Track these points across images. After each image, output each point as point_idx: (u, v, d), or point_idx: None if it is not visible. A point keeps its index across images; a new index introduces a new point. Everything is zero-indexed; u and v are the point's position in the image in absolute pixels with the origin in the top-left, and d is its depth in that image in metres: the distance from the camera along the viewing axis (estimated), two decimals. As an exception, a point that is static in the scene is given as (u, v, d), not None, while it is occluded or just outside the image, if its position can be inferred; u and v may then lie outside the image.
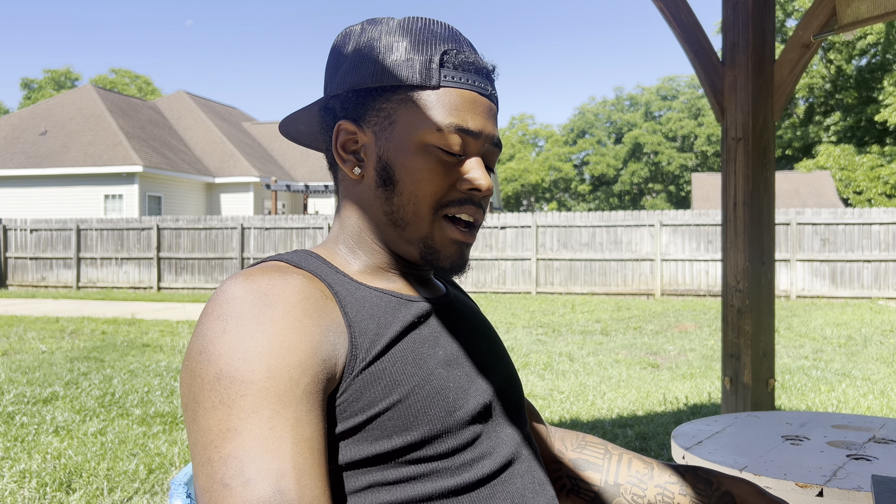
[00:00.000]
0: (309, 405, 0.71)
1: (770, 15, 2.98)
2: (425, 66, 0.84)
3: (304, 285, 0.79)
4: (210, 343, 0.71)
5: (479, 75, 0.87)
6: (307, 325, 0.75)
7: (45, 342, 8.40)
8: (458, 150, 0.85)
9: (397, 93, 0.85)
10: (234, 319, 0.72)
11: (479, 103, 0.87)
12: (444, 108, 0.84)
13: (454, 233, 0.87)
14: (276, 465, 0.66)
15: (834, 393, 5.58)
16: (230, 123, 29.29)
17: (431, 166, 0.85)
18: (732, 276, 3.03)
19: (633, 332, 9.32)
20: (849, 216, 13.38)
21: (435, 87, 0.84)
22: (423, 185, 0.85)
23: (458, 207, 0.87)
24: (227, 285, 0.76)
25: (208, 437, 0.68)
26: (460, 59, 0.86)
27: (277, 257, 0.86)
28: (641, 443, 4.21)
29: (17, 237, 17.27)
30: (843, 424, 1.92)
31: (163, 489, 3.48)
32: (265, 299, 0.75)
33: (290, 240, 15.97)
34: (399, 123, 0.86)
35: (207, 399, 0.69)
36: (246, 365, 0.69)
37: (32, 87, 51.47)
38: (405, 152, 0.85)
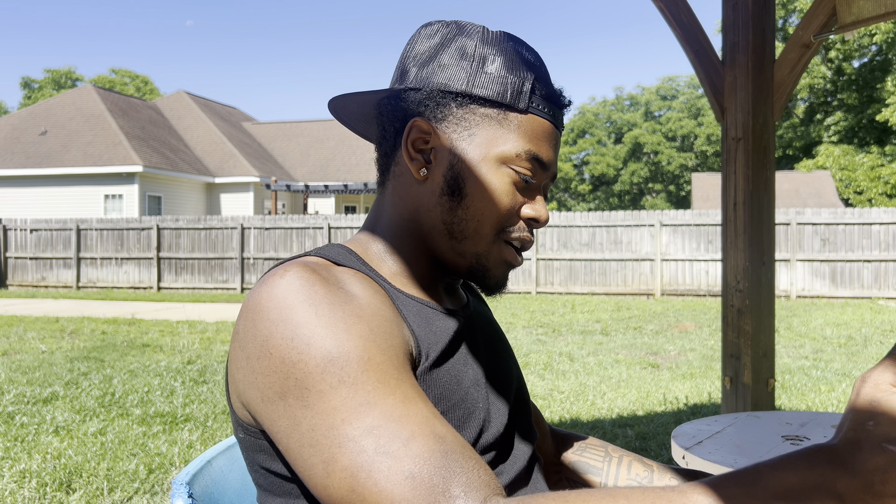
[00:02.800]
0: (408, 367, 0.73)
1: (770, 15, 2.98)
2: (517, 89, 0.84)
3: (360, 276, 0.79)
4: (302, 328, 0.69)
5: (559, 108, 0.88)
6: (386, 310, 0.76)
7: (45, 342, 8.40)
8: (529, 177, 0.85)
9: (484, 106, 0.84)
10: (324, 303, 0.71)
11: (553, 137, 0.87)
12: (526, 135, 0.85)
13: (510, 255, 0.87)
14: (421, 419, 0.66)
15: (834, 393, 5.58)
16: (230, 123, 29.30)
17: (503, 187, 0.84)
18: (732, 276, 3.03)
19: (633, 332, 9.32)
20: (849, 216, 13.37)
21: (522, 111, 0.85)
22: (490, 205, 0.84)
23: (518, 234, 0.87)
24: (288, 275, 0.73)
25: (337, 417, 0.66)
26: (548, 91, 0.87)
27: (316, 253, 0.84)
28: (641, 443, 4.21)
29: (17, 237, 17.27)
30: (843, 424, 1.92)
31: (163, 489, 3.48)
32: (339, 285, 0.74)
33: (290, 240, 15.97)
34: (479, 137, 0.84)
35: (321, 382, 0.67)
36: (356, 343, 0.69)
37: (33, 87, 51.47)
38: (479, 168, 0.84)
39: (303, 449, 0.67)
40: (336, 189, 20.72)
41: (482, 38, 0.86)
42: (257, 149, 28.10)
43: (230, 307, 13.30)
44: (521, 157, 0.84)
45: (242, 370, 0.72)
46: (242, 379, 0.73)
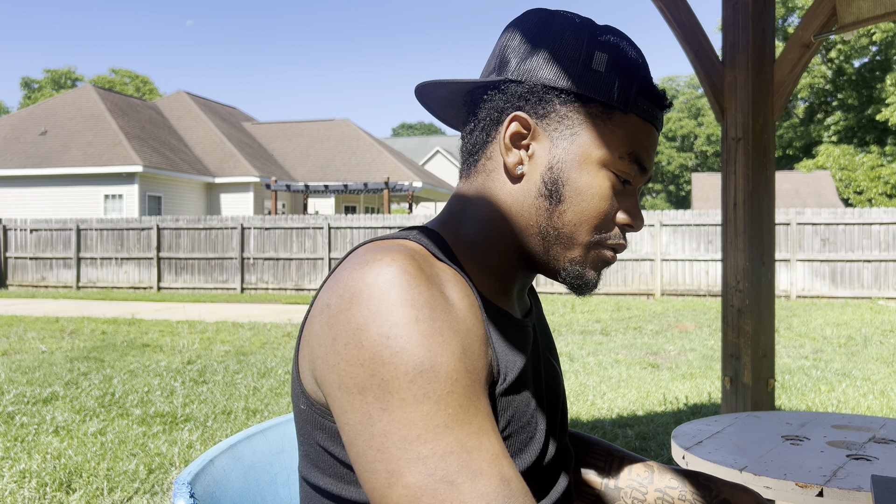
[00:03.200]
0: (486, 393, 0.71)
1: (770, 15, 2.98)
2: (625, 89, 0.81)
3: (459, 279, 0.76)
4: (400, 329, 0.66)
5: (661, 110, 0.85)
6: (478, 327, 0.73)
7: (45, 342, 8.40)
8: (629, 179, 0.82)
9: (589, 105, 0.81)
10: (426, 308, 0.68)
11: (654, 139, 0.84)
12: (629, 136, 0.81)
13: (604, 259, 0.84)
14: (492, 456, 0.65)
15: (834, 393, 5.58)
16: (230, 123, 29.29)
17: (603, 192, 0.81)
18: (732, 276, 3.03)
19: (633, 332, 9.32)
20: (849, 216, 13.38)
21: (626, 111, 0.81)
22: (589, 209, 0.81)
23: (613, 241, 0.83)
24: (390, 262, 0.70)
25: (413, 432, 0.64)
26: (652, 92, 0.83)
27: (415, 238, 0.80)
28: (641, 443, 4.21)
29: (17, 237, 17.27)
30: (843, 424, 1.92)
31: (163, 489, 3.48)
32: (440, 288, 0.72)
33: (290, 240, 15.97)
34: (582, 137, 0.81)
35: (407, 391, 0.65)
36: (448, 361, 0.67)
37: (33, 87, 51.46)
38: (580, 170, 0.80)
39: (369, 451, 0.66)
40: (336, 189, 20.72)
41: (590, 33, 0.82)
42: (257, 149, 28.10)
43: (230, 307, 13.30)
44: (623, 160, 0.81)
45: (325, 348, 0.70)
46: (323, 357, 0.70)
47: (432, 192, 28.47)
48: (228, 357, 7.42)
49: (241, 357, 7.41)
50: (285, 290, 16.00)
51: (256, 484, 1.01)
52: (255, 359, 7.28)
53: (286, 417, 1.12)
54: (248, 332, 9.43)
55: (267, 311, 12.58)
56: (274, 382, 6.08)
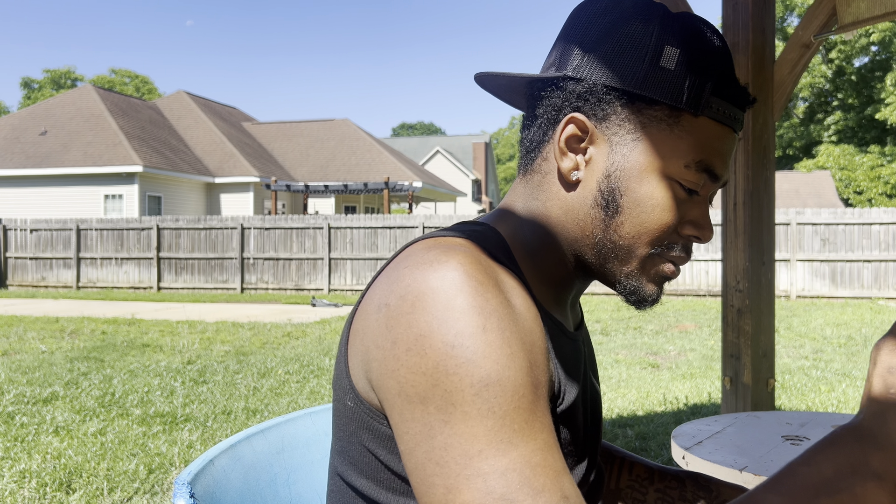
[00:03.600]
0: (548, 406, 0.68)
1: (770, 15, 2.98)
2: (697, 89, 0.73)
3: (521, 287, 0.71)
4: (467, 339, 0.63)
5: (740, 110, 0.76)
6: (542, 340, 0.69)
7: (45, 342, 8.40)
8: (696, 189, 0.75)
9: (653, 107, 0.74)
10: (494, 317, 0.64)
11: (729, 143, 0.76)
12: (698, 143, 0.74)
13: (666, 268, 0.77)
14: (554, 474, 0.62)
15: (834, 393, 5.58)
16: (230, 123, 29.30)
17: (665, 203, 0.74)
18: (732, 276, 3.03)
19: (633, 332, 9.32)
20: (849, 216, 13.38)
21: (697, 114, 0.73)
22: (649, 222, 0.74)
23: (675, 253, 0.77)
24: (455, 264, 0.66)
25: (475, 447, 0.61)
26: (730, 90, 0.75)
27: (477, 238, 0.75)
28: (641, 443, 4.21)
29: (17, 237, 17.27)
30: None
31: (163, 489, 3.48)
32: (508, 295, 0.68)
33: (290, 240, 15.97)
34: (644, 143, 0.74)
35: (471, 404, 0.62)
36: (515, 375, 0.63)
37: (32, 87, 51.47)
38: (640, 180, 0.74)
39: (428, 463, 0.63)
40: (336, 189, 20.72)
41: (661, 24, 0.74)
42: (257, 149, 28.10)
43: (230, 307, 13.30)
44: (690, 169, 0.74)
45: (384, 352, 0.66)
46: (381, 360, 0.66)
47: (432, 192, 28.47)
48: (228, 357, 7.42)
49: (241, 357, 7.41)
50: (285, 290, 15.99)
51: (256, 484, 1.01)
52: (255, 359, 7.28)
53: (286, 417, 1.12)
54: (248, 332, 9.43)
55: (267, 311, 12.58)
56: (274, 382, 6.08)
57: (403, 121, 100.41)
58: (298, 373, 6.51)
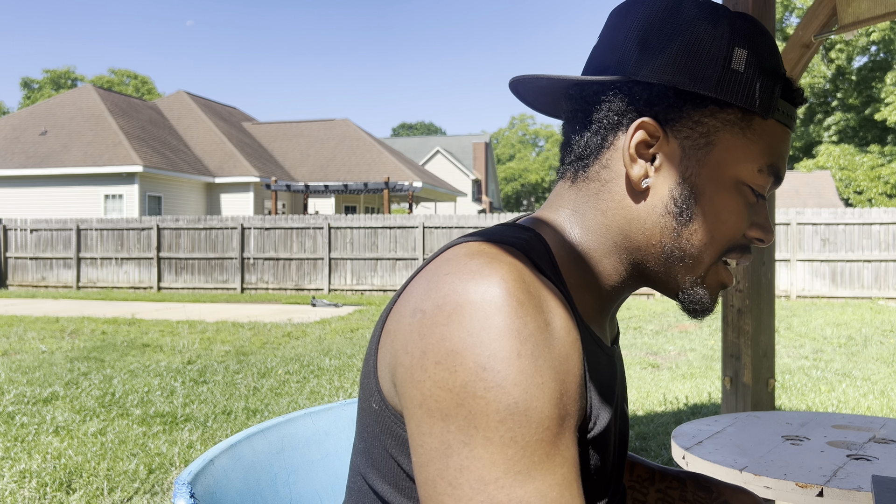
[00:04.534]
0: (576, 438, 0.66)
1: (770, 15, 2.98)
2: (768, 93, 0.72)
3: (565, 307, 0.68)
4: (500, 363, 0.61)
5: (796, 107, 0.76)
6: (577, 367, 0.67)
7: (45, 342, 8.40)
8: (763, 193, 0.74)
9: (726, 111, 0.72)
10: (530, 342, 0.62)
11: (789, 144, 0.76)
12: (769, 146, 0.73)
13: (726, 276, 0.76)
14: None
15: (834, 393, 5.58)
16: (230, 123, 29.30)
17: (739, 208, 0.73)
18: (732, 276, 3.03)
19: (634, 332, 9.32)
20: (849, 216, 13.38)
21: (764, 117, 0.72)
22: (723, 228, 0.73)
23: (740, 255, 0.75)
24: (498, 279, 0.64)
25: (493, 474, 0.60)
26: (790, 92, 0.74)
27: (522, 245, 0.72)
28: (641, 443, 4.21)
29: (17, 237, 17.27)
30: (844, 424, 1.92)
31: (163, 489, 3.48)
32: (547, 318, 0.65)
33: (290, 240, 15.97)
34: (718, 148, 0.72)
35: (494, 431, 0.60)
36: (543, 406, 0.61)
37: (32, 87, 51.47)
38: (715, 186, 0.72)
39: (440, 482, 0.61)
40: (336, 189, 20.72)
41: (730, 25, 0.73)
42: (257, 149, 28.10)
43: (230, 307, 13.30)
44: (763, 173, 0.73)
45: (412, 359, 0.64)
46: (408, 367, 0.65)
47: (432, 192, 28.47)
48: (228, 357, 7.42)
49: (241, 357, 7.41)
50: (285, 290, 16.00)
51: (256, 484, 1.01)
52: (255, 359, 7.29)
53: (286, 417, 1.12)
54: (248, 332, 9.43)
55: (267, 311, 12.58)
56: (274, 382, 6.08)
57: (403, 121, 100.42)
58: (298, 373, 6.51)
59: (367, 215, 15.66)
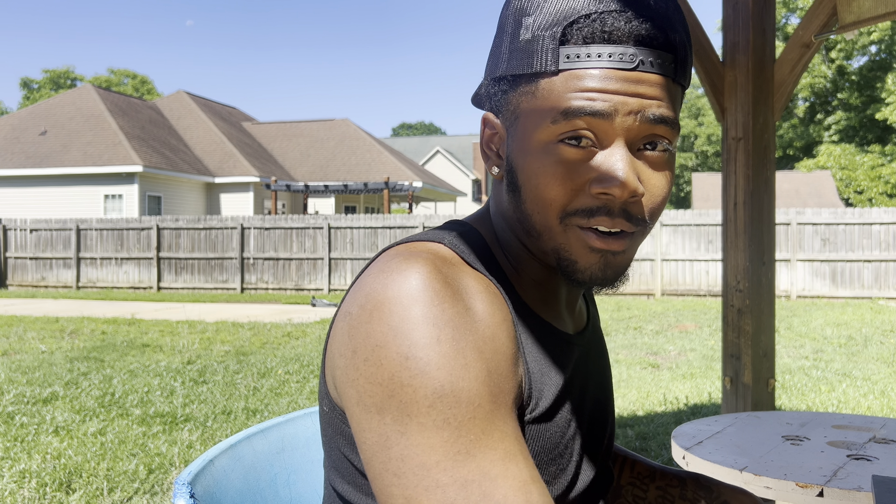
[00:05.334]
0: (514, 414, 0.67)
1: (770, 14, 2.98)
2: (543, 47, 0.69)
3: (490, 292, 0.70)
4: (420, 350, 0.63)
5: (622, 44, 0.67)
6: (507, 345, 0.68)
7: (45, 342, 8.40)
8: (582, 142, 0.69)
9: (520, 82, 0.72)
10: (449, 327, 0.64)
11: (614, 80, 0.68)
12: (561, 95, 0.69)
13: (591, 239, 0.71)
14: (518, 483, 0.61)
15: (834, 393, 5.58)
16: (230, 123, 29.30)
17: (549, 168, 0.70)
18: (733, 276, 3.03)
19: (634, 332, 9.32)
20: (849, 216, 13.38)
21: (554, 72, 0.69)
22: (543, 192, 0.71)
23: (586, 218, 0.70)
24: (414, 273, 0.66)
25: (432, 458, 0.61)
26: (592, 30, 0.68)
27: (450, 242, 0.75)
28: (641, 443, 4.21)
29: (17, 237, 17.27)
30: (844, 424, 1.92)
31: (163, 489, 3.48)
32: (467, 302, 0.67)
33: (290, 240, 15.97)
34: (521, 119, 0.73)
35: (425, 416, 0.62)
36: (470, 385, 0.63)
37: (32, 87, 51.48)
38: (525, 153, 0.72)
39: (386, 474, 0.62)
40: (336, 189, 20.72)
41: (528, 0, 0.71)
42: (257, 149, 28.10)
43: (230, 307, 13.30)
44: (558, 122, 0.69)
45: (345, 360, 0.67)
46: (343, 368, 0.67)
47: (432, 192, 28.47)
48: (228, 357, 7.42)
49: (241, 357, 7.41)
50: (285, 290, 15.99)
51: (256, 484, 1.01)
52: (255, 359, 7.28)
53: (286, 417, 1.12)
54: (248, 332, 9.43)
55: (267, 311, 12.58)
56: (274, 382, 6.08)
57: (403, 121, 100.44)
58: (298, 373, 6.51)
59: (367, 215, 15.66)
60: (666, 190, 0.73)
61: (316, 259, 15.84)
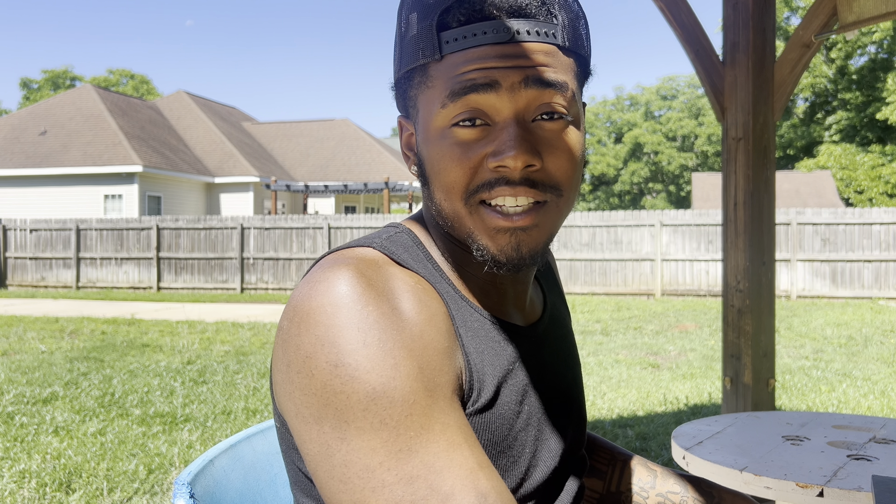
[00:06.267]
0: (456, 404, 0.67)
1: (770, 14, 2.98)
2: (424, 37, 0.71)
3: (420, 288, 0.70)
4: (348, 356, 0.63)
5: (496, 20, 0.68)
6: (439, 339, 0.68)
7: (44, 342, 8.40)
8: (476, 122, 0.70)
9: (414, 76, 0.74)
10: (374, 329, 0.64)
11: (493, 55, 0.68)
12: (447, 78, 0.70)
13: (494, 219, 0.71)
14: (465, 472, 0.61)
15: (834, 393, 5.58)
16: (230, 123, 29.30)
17: (447, 151, 0.71)
18: (733, 277, 3.02)
19: (634, 332, 9.32)
20: (849, 216, 13.38)
21: (438, 59, 0.71)
22: (445, 177, 0.72)
23: (487, 192, 0.71)
24: (337, 280, 0.66)
25: (375, 460, 0.61)
26: (466, 11, 0.69)
27: (380, 245, 0.75)
28: (641, 443, 4.21)
29: (17, 237, 17.27)
30: (844, 425, 1.92)
31: (162, 489, 3.48)
32: (393, 303, 0.67)
33: (290, 240, 15.97)
34: (420, 111, 0.74)
35: (362, 419, 0.62)
36: (402, 384, 0.63)
37: (31, 87, 51.49)
38: (427, 143, 0.74)
39: (332, 481, 0.63)
40: (336, 189, 20.72)
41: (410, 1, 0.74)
42: (257, 149, 28.10)
43: (230, 307, 13.30)
44: (447, 107, 0.70)
45: (281, 374, 0.67)
46: (281, 382, 0.68)
47: (432, 192, 28.44)
48: (228, 357, 7.42)
49: (240, 357, 7.41)
50: (285, 290, 16.00)
51: (256, 484, 1.01)
52: (254, 359, 7.28)
53: (286, 417, 1.11)
54: (247, 332, 9.43)
55: (267, 311, 12.58)
56: (274, 382, 6.08)
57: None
58: (298, 373, 6.51)
59: (367, 215, 15.66)
60: (571, 155, 0.72)
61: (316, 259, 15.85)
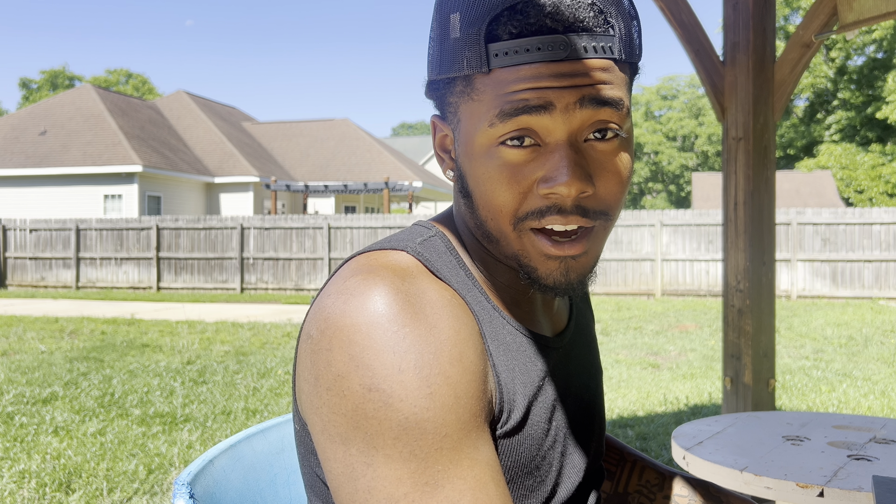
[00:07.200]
0: (486, 435, 0.64)
1: (771, 14, 2.98)
2: (471, 46, 0.66)
3: (455, 304, 0.67)
4: (383, 381, 0.61)
5: (552, 34, 0.64)
6: (475, 362, 0.65)
7: (44, 342, 8.39)
8: (525, 142, 0.66)
9: (455, 84, 0.69)
10: (411, 353, 0.62)
11: (547, 73, 0.64)
12: (495, 95, 0.66)
13: (545, 246, 0.68)
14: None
15: (835, 393, 5.58)
16: (230, 123, 29.30)
17: (494, 173, 0.67)
18: (733, 276, 3.02)
19: (634, 332, 9.32)
20: (849, 216, 13.37)
21: (485, 72, 0.66)
22: (492, 199, 0.68)
23: (538, 220, 0.67)
24: (374, 295, 0.63)
25: (400, 491, 0.59)
26: (518, 22, 0.64)
27: (414, 250, 0.72)
28: (642, 443, 4.21)
29: (17, 237, 17.27)
30: (844, 425, 1.92)
31: (162, 489, 3.48)
32: (429, 321, 0.64)
33: (290, 240, 15.97)
34: (462, 122, 0.70)
35: (391, 448, 0.60)
36: (436, 415, 0.61)
37: (31, 88, 51.49)
38: (470, 157, 0.70)
39: (363, 500, 0.61)
40: (336, 189, 20.72)
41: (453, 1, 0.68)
42: (257, 149, 28.10)
43: (230, 307, 13.30)
44: (495, 126, 0.66)
45: (309, 386, 0.65)
46: (308, 394, 0.65)
47: (432, 192, 28.47)
48: (228, 357, 7.41)
49: (240, 357, 7.41)
50: (285, 290, 15.99)
51: (256, 484, 1.01)
52: (254, 359, 7.28)
53: (286, 417, 1.11)
54: (247, 332, 9.43)
55: (267, 311, 12.58)
56: (274, 382, 6.08)
57: (403, 121, 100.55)
58: (298, 373, 6.50)
59: (367, 215, 15.65)
60: (622, 178, 0.69)
61: (316, 259, 15.84)
